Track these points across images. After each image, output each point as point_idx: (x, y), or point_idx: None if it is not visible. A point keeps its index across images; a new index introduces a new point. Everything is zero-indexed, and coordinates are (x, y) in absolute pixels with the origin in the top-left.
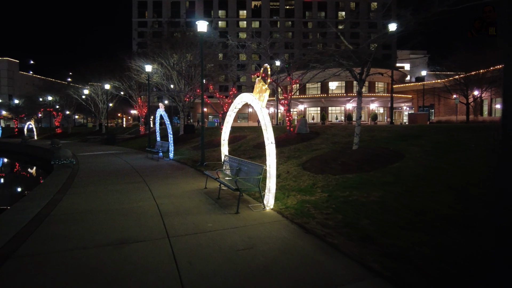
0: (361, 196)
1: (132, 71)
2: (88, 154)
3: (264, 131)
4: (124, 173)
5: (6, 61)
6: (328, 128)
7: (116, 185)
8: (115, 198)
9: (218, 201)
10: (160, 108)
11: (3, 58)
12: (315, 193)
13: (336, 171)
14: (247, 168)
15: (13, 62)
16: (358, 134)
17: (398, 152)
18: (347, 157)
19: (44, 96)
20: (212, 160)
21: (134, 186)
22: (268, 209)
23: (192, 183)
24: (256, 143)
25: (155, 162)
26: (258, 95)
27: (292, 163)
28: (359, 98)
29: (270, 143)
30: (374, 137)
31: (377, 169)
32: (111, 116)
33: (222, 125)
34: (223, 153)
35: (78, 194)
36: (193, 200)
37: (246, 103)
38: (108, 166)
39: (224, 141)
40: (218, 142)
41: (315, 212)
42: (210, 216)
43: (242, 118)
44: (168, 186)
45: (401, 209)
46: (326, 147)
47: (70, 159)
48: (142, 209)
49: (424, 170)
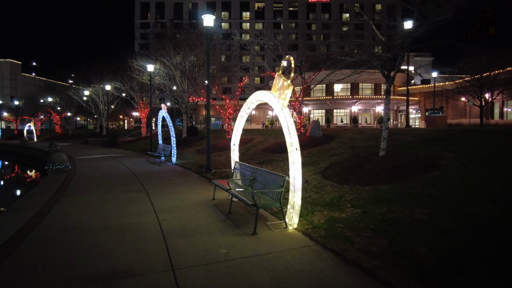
0: (402, 213)
1: (134, 71)
2: (87, 158)
3: (286, 135)
4: (123, 179)
5: (8, 63)
6: (342, 131)
7: (113, 194)
8: (111, 210)
9: (229, 216)
10: (162, 109)
11: (6, 59)
12: (345, 208)
13: (364, 181)
14: (263, 178)
15: (16, 63)
16: (386, 138)
17: (431, 159)
18: (375, 164)
19: (44, 97)
20: (218, 165)
21: (133, 196)
22: (291, 229)
23: (198, 192)
24: (264, 147)
25: (156, 166)
26: (278, 93)
27: (309, 170)
28: (387, 98)
29: (295, 150)
30: (398, 141)
31: (413, 179)
32: (113, 117)
33: (229, 127)
34: (233, 159)
35: (70, 204)
36: (201, 214)
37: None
38: (107, 171)
39: (234, 145)
40: (223, 146)
41: (351, 234)
42: (223, 237)
43: (245, 120)
44: (171, 196)
45: (461, 232)
46: (345, 152)
47: (65, 163)
48: (141, 227)
49: (471, 181)
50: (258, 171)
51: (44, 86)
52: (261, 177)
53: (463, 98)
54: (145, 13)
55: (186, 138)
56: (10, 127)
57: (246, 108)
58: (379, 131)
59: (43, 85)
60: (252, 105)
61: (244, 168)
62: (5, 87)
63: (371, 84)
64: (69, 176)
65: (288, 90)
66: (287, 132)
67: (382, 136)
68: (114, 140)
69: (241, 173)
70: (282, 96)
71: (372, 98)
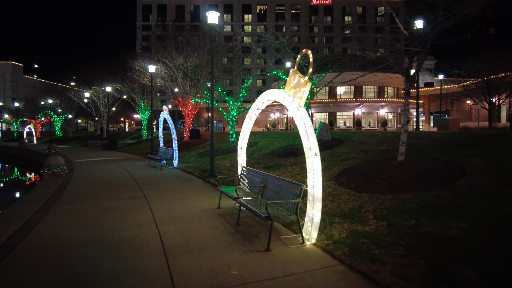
0: (435, 227)
1: (135, 72)
2: (86, 161)
3: (303, 139)
4: (122, 184)
5: (10, 65)
6: (351, 134)
7: (110, 202)
8: (107, 221)
9: (238, 228)
10: (164, 111)
11: (8, 61)
12: (367, 220)
13: (385, 189)
14: (275, 186)
15: (18, 65)
16: (405, 142)
17: (455, 164)
18: (394, 170)
19: (44, 99)
20: (222, 169)
21: (132, 204)
22: (309, 244)
23: (202, 199)
24: (270, 150)
25: (157, 171)
26: (293, 91)
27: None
28: (406, 98)
29: (314, 155)
30: (413, 145)
31: (439, 187)
32: (114, 120)
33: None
34: (240, 164)
35: (63, 213)
36: (206, 226)
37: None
38: (105, 175)
39: (241, 149)
40: (226, 149)
41: (379, 252)
42: (232, 254)
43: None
44: (173, 203)
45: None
46: (357, 157)
47: (62, 167)
48: (140, 241)
49: (506, 190)
50: (270, 178)
51: (44, 87)
52: (272, 184)
53: (468, 101)
54: (147, 15)
55: (188, 141)
56: (11, 129)
57: (255, 108)
58: (391, 135)
59: (43, 87)
60: (261, 105)
61: (253, 174)
62: (7, 89)
63: (374, 87)
64: (65, 180)
65: (305, 87)
66: (304, 135)
67: (401, 140)
68: (115, 142)
69: (249, 180)
70: (298, 95)
71: (375, 101)
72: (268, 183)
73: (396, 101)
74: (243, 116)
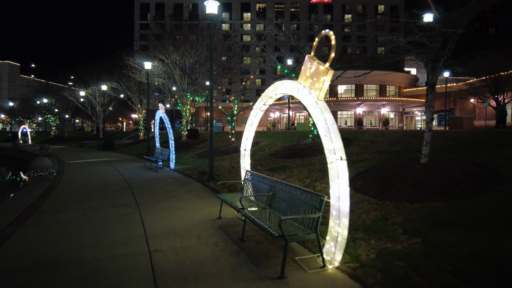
0: (484, 246)
1: (130, 69)
2: (79, 162)
3: (324, 139)
4: (113, 189)
5: (7, 65)
6: (359, 134)
7: (98, 210)
8: (91, 235)
9: (243, 245)
10: (160, 110)
11: (4, 61)
12: (396, 235)
13: (411, 197)
14: (288, 195)
15: (14, 65)
16: (429, 142)
17: (487, 168)
18: (418, 174)
19: (40, 99)
20: (222, 172)
21: (122, 213)
22: (332, 268)
23: (200, 207)
24: (272, 151)
25: (153, 173)
26: (309, 81)
27: None
28: (430, 93)
29: (339, 159)
30: (432, 145)
31: (475, 195)
32: (112, 120)
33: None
34: (243, 167)
35: (40, 226)
36: (205, 242)
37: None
38: (97, 178)
39: (245, 151)
40: (226, 150)
41: (422, 280)
42: (238, 284)
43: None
44: (167, 213)
45: None
46: (371, 158)
47: (49, 169)
48: (126, 263)
49: None
50: (280, 185)
51: (38, 87)
52: (284, 193)
53: (472, 100)
54: (144, 14)
55: (186, 141)
56: (6, 129)
57: (261, 104)
58: (403, 134)
59: (38, 86)
60: (269, 100)
61: (258, 180)
62: (4, 89)
63: (376, 85)
64: (52, 185)
65: (326, 76)
66: (325, 135)
67: (425, 140)
68: (110, 143)
69: (255, 186)
70: (316, 85)
71: (377, 99)
72: (278, 192)
73: (398, 100)
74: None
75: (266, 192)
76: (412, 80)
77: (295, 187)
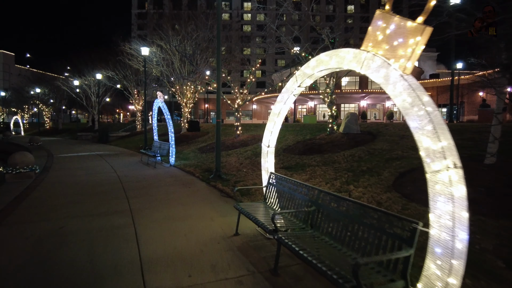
0: None
1: (126, 55)
2: (70, 156)
3: (420, 135)
4: (104, 190)
5: (1, 54)
6: (381, 127)
7: (81, 220)
8: (66, 261)
9: (278, 283)
10: (158, 98)
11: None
12: (498, 271)
13: (489, 209)
14: (342, 214)
15: (9, 55)
16: (497, 138)
17: None
18: (488, 178)
19: (32, 88)
20: (229, 169)
21: (112, 224)
22: None
23: (210, 217)
24: (285, 146)
25: (151, 170)
26: (383, 47)
27: (371, 183)
28: (503, 76)
29: (452, 167)
30: (473, 140)
31: None
32: (109, 111)
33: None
34: (265, 169)
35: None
36: (225, 280)
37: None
38: (87, 176)
39: (269, 148)
40: (231, 144)
41: None
42: None
43: (246, 115)
44: (169, 225)
45: None
46: (407, 156)
47: (31, 166)
48: None
49: None
50: (328, 198)
51: (30, 75)
52: (337, 212)
53: (481, 93)
54: (142, 3)
55: (186, 134)
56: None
57: (294, 86)
58: None
59: (30, 75)
60: (306, 80)
61: (290, 187)
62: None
63: None
64: (33, 184)
65: (420, 37)
66: (422, 127)
67: (492, 135)
68: (106, 135)
69: (282, 194)
70: (399, 52)
71: (382, 92)
72: (326, 208)
73: None
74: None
75: (303, 205)
76: (417, 73)
77: (361, 205)
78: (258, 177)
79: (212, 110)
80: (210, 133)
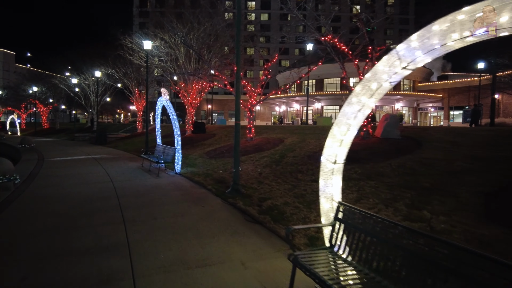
0: None
1: (127, 50)
2: (62, 160)
3: None
4: (96, 208)
5: (1, 53)
6: (422, 131)
7: (58, 264)
8: None
9: None
10: (162, 96)
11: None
12: None
13: None
14: None
15: (9, 53)
16: None
17: None
18: None
19: (29, 86)
20: (246, 181)
21: (98, 273)
22: None
23: (241, 261)
24: (308, 152)
25: (153, 178)
26: None
27: (451, 209)
28: None
29: None
30: None
31: None
32: (109, 111)
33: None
34: (325, 195)
35: None
36: None
37: None
38: (76, 187)
39: (335, 164)
40: (243, 148)
41: None
42: None
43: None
44: (184, 278)
45: None
46: (478, 169)
47: (8, 176)
48: None
49: None
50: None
51: (27, 73)
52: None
53: (496, 95)
54: (144, 1)
55: (191, 137)
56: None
57: (392, 70)
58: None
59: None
60: (420, 60)
61: (375, 230)
62: None
63: None
64: (7, 199)
65: None
66: None
67: None
68: (104, 136)
69: (358, 238)
70: None
71: (391, 93)
72: (467, 278)
73: (413, 94)
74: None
75: (410, 266)
76: (427, 74)
77: None
78: (287, 193)
79: (215, 111)
80: (217, 135)
